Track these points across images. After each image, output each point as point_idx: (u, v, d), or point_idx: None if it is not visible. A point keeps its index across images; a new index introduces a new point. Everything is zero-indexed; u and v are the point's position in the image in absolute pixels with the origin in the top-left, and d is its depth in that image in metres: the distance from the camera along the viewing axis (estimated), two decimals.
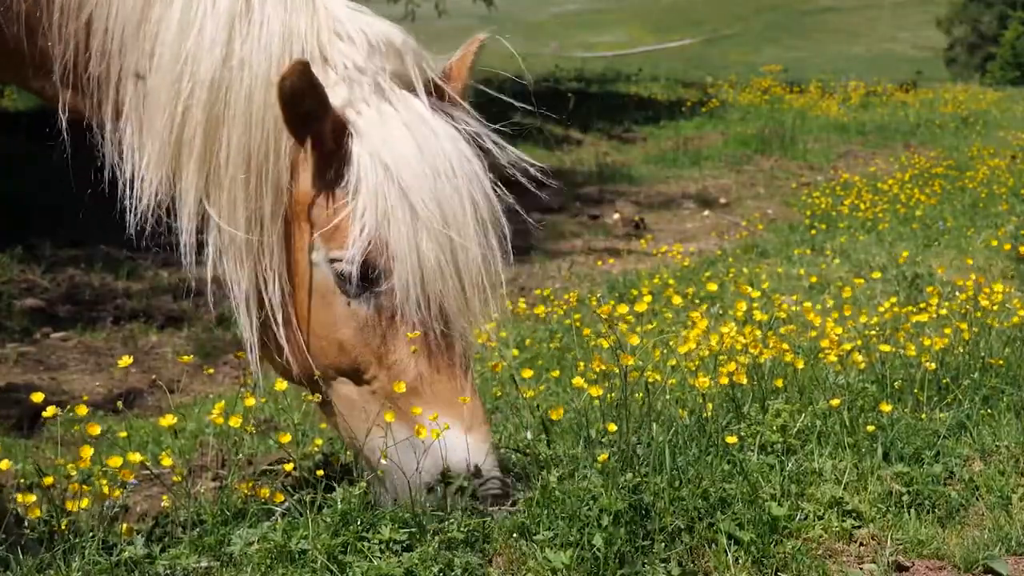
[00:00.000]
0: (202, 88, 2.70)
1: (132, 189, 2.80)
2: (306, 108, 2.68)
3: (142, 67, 2.75)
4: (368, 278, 2.76)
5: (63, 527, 2.69)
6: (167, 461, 2.96)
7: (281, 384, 3.22)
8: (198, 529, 2.80)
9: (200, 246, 2.82)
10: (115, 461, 2.78)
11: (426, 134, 2.81)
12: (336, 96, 2.76)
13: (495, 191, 2.92)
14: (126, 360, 3.09)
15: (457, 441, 2.76)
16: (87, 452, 2.77)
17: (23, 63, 2.88)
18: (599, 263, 9.50)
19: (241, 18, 2.73)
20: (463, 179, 2.82)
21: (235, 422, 3.05)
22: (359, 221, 2.73)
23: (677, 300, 4.64)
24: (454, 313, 2.81)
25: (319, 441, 3.59)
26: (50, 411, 2.80)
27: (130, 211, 2.80)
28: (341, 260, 2.75)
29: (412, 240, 2.73)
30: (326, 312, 2.83)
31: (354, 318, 2.81)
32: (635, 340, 3.61)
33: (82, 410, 2.82)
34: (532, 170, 3.00)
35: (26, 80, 2.95)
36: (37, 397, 2.86)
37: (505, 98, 3.12)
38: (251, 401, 3.18)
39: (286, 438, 3.15)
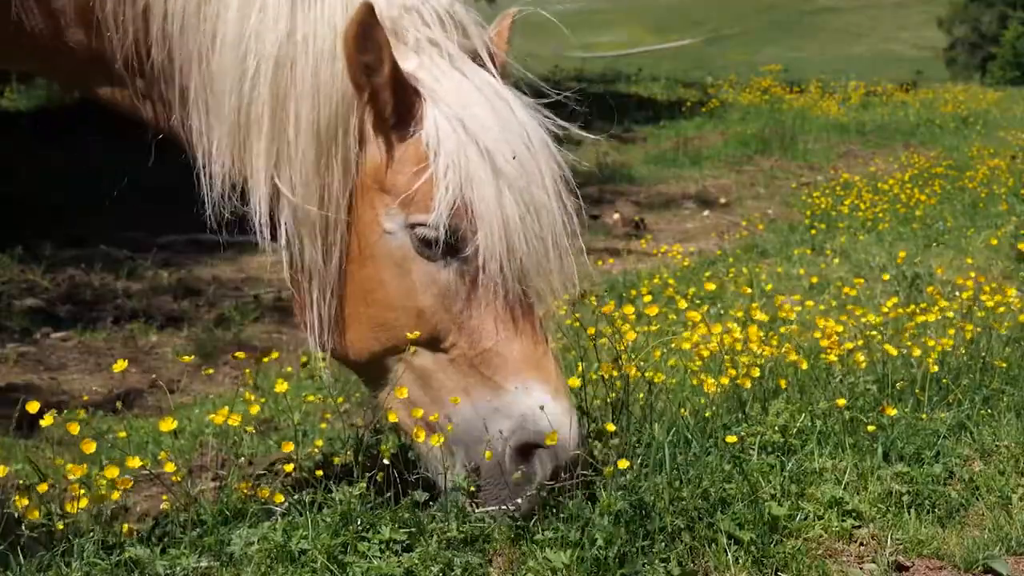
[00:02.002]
0: (267, 65, 2.68)
1: (205, 175, 2.76)
2: (368, 59, 2.63)
3: (205, 48, 2.71)
4: (452, 241, 2.72)
5: (62, 528, 2.69)
6: (169, 467, 2.95)
7: (281, 385, 3.22)
8: (198, 529, 2.79)
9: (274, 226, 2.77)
10: (112, 471, 2.76)
11: (498, 100, 2.80)
12: (408, 63, 2.75)
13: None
14: (121, 364, 3.08)
15: (546, 405, 2.73)
16: (78, 470, 2.74)
17: (64, 58, 2.84)
18: (599, 263, 9.50)
19: None
20: (538, 142, 2.83)
21: (234, 421, 3.04)
22: (443, 182, 2.69)
23: (682, 303, 4.63)
24: (534, 275, 2.79)
25: (319, 442, 3.59)
26: (47, 419, 2.77)
27: (207, 196, 2.75)
28: (425, 224, 2.71)
29: (496, 200, 2.71)
30: (403, 281, 2.78)
31: (435, 284, 2.77)
32: (632, 336, 3.61)
33: (80, 415, 2.79)
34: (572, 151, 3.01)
35: (64, 74, 2.92)
36: (32, 407, 2.82)
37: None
38: (255, 408, 3.18)
39: (289, 447, 3.13)
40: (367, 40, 2.62)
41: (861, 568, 2.97)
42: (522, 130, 2.80)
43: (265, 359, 3.70)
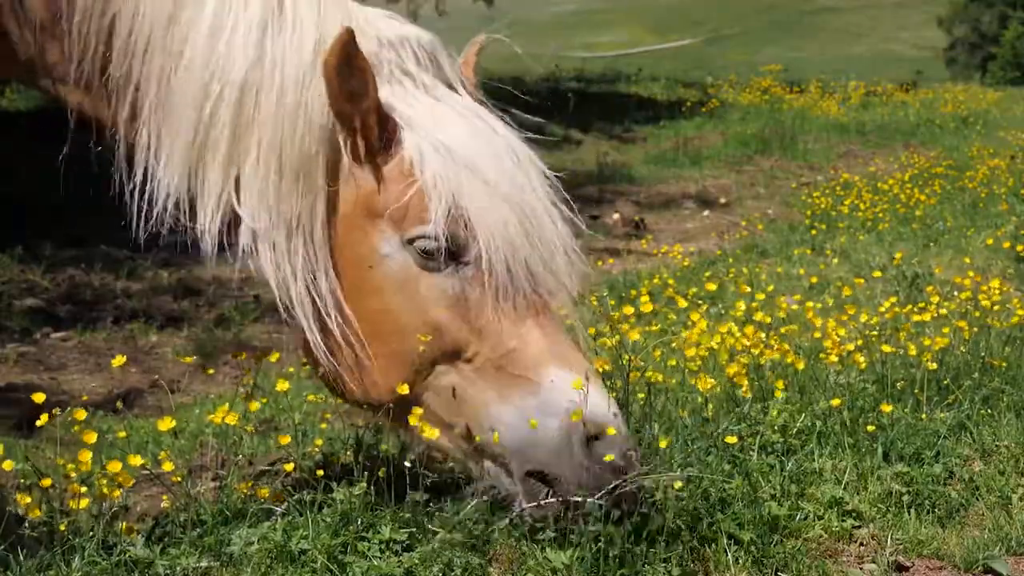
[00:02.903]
0: (232, 89, 2.66)
1: (144, 193, 2.75)
2: (353, 85, 2.62)
3: (168, 68, 2.70)
4: (454, 248, 2.70)
5: (63, 527, 2.69)
6: (168, 466, 2.95)
7: (282, 385, 3.22)
8: (198, 529, 2.79)
9: (222, 248, 2.78)
10: (115, 466, 2.76)
11: (478, 123, 2.80)
12: (382, 93, 2.73)
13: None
14: (120, 359, 3.08)
15: (589, 396, 2.66)
16: (86, 456, 2.75)
17: (32, 64, 2.84)
18: (599, 263, 9.50)
19: (273, 21, 2.69)
20: (524, 156, 2.82)
21: (232, 420, 3.04)
22: (434, 192, 2.67)
23: (682, 303, 4.64)
24: (543, 272, 2.76)
25: (319, 441, 3.59)
26: (44, 419, 2.77)
27: (138, 214, 2.75)
28: (424, 236, 2.69)
29: (490, 204, 2.69)
30: (412, 301, 2.74)
31: (445, 294, 2.73)
32: (635, 335, 3.61)
33: (81, 414, 2.80)
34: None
35: (34, 79, 2.91)
36: (38, 397, 2.85)
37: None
38: (255, 405, 3.18)
39: (286, 440, 3.14)
40: (351, 65, 2.60)
41: (861, 568, 2.97)
42: (507, 144, 2.80)
43: (272, 359, 3.70)
